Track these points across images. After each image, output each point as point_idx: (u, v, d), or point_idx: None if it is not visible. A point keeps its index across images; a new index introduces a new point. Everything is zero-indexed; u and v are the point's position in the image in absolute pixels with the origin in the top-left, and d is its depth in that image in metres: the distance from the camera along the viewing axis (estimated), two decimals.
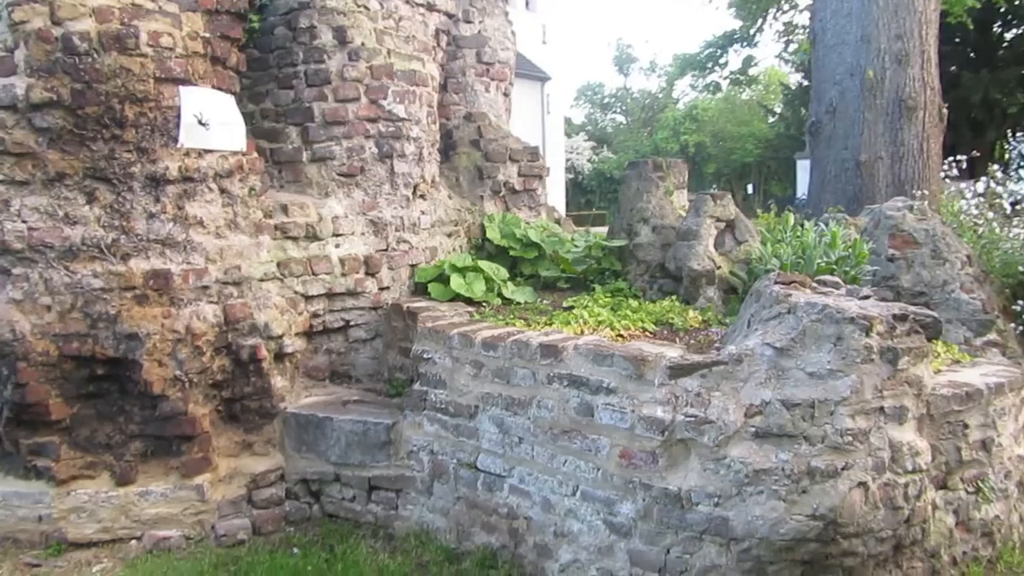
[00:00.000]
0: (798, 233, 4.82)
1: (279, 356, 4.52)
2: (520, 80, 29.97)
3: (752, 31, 23.49)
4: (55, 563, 3.99)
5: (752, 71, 27.46)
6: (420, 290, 5.15)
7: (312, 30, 4.77)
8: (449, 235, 5.62)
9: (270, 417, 4.47)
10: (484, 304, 4.90)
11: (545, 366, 3.67)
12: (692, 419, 3.30)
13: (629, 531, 3.46)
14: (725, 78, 27.42)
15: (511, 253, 5.66)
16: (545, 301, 5.09)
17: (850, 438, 3.23)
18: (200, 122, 4.09)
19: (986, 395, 3.72)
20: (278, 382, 4.50)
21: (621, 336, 4.08)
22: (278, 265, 4.51)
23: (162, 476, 4.18)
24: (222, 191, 4.28)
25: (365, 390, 4.84)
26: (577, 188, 41.45)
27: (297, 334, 4.61)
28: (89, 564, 4.01)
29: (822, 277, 3.92)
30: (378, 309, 4.96)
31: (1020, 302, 4.89)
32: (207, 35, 4.13)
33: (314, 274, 4.65)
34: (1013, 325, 4.81)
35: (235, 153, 4.33)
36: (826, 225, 4.98)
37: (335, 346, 4.92)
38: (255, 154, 4.50)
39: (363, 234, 4.94)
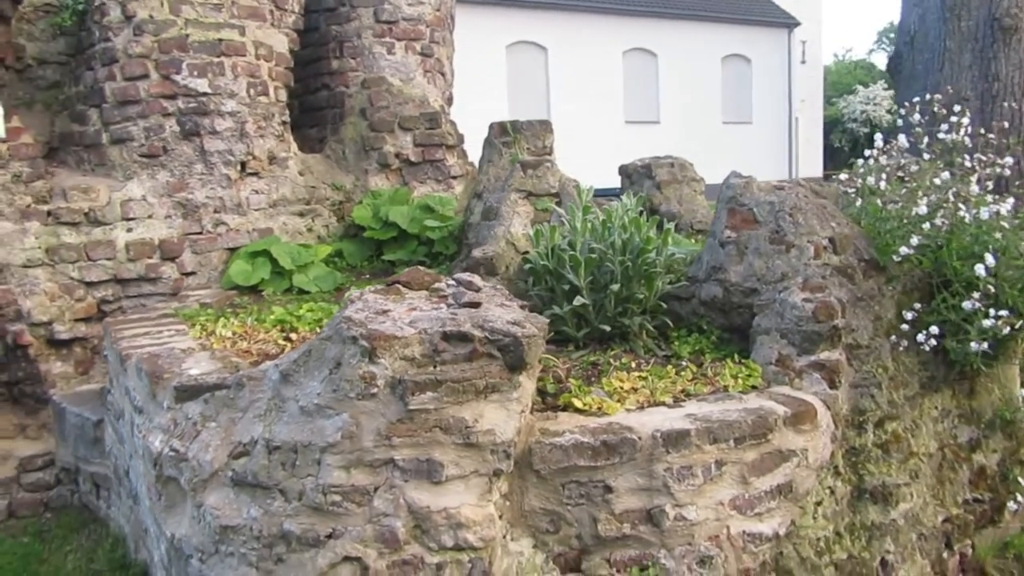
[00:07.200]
0: (589, 212, 3.75)
1: (56, 342, 4.50)
2: (759, 28, 27.32)
3: None
4: None
5: None
6: None
7: (103, 7, 4.61)
8: (301, 215, 5.20)
9: (44, 403, 4.49)
10: (269, 294, 4.47)
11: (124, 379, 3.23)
12: (174, 454, 2.70)
13: None
14: None
15: (366, 235, 5.12)
16: (354, 290, 4.53)
17: (338, 497, 2.45)
18: None
19: (646, 447, 2.62)
20: (55, 368, 4.50)
21: (289, 340, 3.48)
22: (47, 251, 4.47)
23: None
24: None
25: None
26: (872, 144, 36.55)
27: (78, 320, 4.55)
28: None
29: (459, 275, 2.99)
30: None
31: (917, 306, 3.38)
32: None
33: (90, 259, 4.54)
34: (895, 338, 3.36)
35: None
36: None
37: None
38: (24, 139, 4.47)
39: (168, 217, 4.73)
